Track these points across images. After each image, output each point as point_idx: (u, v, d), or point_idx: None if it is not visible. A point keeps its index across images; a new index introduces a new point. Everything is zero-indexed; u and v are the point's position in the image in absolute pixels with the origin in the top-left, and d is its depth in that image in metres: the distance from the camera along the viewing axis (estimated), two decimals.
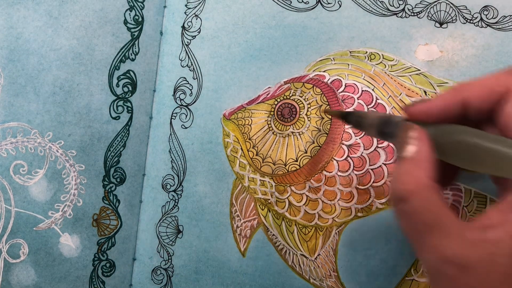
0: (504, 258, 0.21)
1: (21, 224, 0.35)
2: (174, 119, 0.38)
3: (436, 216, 0.22)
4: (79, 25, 0.36)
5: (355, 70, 0.36)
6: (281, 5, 0.37)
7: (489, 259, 0.21)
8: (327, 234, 0.35)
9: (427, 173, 0.23)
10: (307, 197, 0.35)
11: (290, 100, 0.36)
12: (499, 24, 0.34)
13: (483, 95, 0.24)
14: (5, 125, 0.35)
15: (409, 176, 0.23)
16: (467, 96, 0.24)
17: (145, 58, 0.38)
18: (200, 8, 0.38)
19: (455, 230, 0.22)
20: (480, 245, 0.21)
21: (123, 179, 0.37)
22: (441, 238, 0.22)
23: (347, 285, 0.35)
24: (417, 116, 0.26)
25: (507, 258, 0.21)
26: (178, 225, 0.38)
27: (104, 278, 0.37)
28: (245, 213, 0.37)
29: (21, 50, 0.35)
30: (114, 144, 0.37)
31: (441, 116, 0.25)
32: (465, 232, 0.22)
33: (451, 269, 0.22)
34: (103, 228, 0.37)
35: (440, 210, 0.22)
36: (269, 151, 0.36)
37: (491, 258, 0.21)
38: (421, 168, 0.23)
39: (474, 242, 0.22)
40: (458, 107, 0.25)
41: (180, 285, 0.37)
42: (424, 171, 0.23)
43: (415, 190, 0.23)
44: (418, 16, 0.35)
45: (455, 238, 0.22)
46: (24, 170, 0.35)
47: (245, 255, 0.37)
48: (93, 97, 0.36)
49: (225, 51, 0.37)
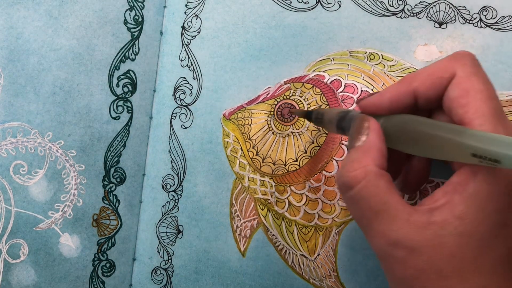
0: (450, 238, 0.21)
1: (21, 224, 0.35)
2: (174, 119, 0.38)
3: (382, 202, 0.23)
4: (79, 25, 0.36)
5: (355, 70, 0.36)
6: (281, 5, 0.37)
7: (435, 240, 0.22)
8: (327, 234, 0.35)
9: (374, 161, 0.24)
10: (307, 197, 0.35)
11: (290, 100, 0.36)
12: (498, 24, 0.34)
13: (429, 83, 0.24)
14: (5, 125, 0.35)
15: (355, 164, 0.24)
16: (416, 86, 0.25)
17: (145, 58, 0.38)
18: (200, 8, 0.38)
19: (402, 215, 0.22)
20: (427, 228, 0.22)
21: (123, 179, 0.38)
22: (388, 223, 0.23)
23: (347, 285, 0.35)
24: (369, 108, 0.26)
25: (452, 237, 0.21)
26: (178, 225, 0.38)
27: (104, 278, 0.37)
28: (245, 213, 0.37)
29: (21, 50, 0.35)
30: (114, 144, 0.37)
31: (393, 107, 0.26)
32: (412, 216, 0.22)
33: (399, 252, 0.22)
34: (103, 228, 0.37)
35: (386, 196, 0.23)
36: (269, 151, 0.36)
37: (438, 239, 0.22)
38: (368, 156, 0.24)
39: (420, 225, 0.22)
40: (408, 98, 0.25)
41: (180, 285, 0.37)
42: (371, 159, 0.24)
43: (360, 177, 0.23)
44: (418, 16, 0.35)
45: (402, 222, 0.22)
46: (24, 170, 0.35)
47: (245, 255, 0.37)
48: (93, 97, 0.36)
49: (225, 51, 0.37)
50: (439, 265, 0.22)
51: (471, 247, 0.21)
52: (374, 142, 0.24)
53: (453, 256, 0.21)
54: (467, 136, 0.21)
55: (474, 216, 0.21)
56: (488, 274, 0.22)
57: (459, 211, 0.21)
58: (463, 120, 0.22)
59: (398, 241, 0.22)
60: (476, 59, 0.24)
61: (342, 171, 0.24)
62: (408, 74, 0.26)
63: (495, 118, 0.22)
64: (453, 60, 0.24)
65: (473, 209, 0.21)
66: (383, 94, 0.26)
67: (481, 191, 0.21)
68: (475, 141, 0.20)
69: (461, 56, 0.24)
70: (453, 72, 0.24)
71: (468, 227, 0.21)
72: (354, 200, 0.24)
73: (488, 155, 0.19)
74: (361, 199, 0.23)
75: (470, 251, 0.21)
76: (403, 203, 0.23)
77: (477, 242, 0.21)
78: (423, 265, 0.22)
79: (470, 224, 0.21)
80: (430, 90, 0.24)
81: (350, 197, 0.24)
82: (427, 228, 0.22)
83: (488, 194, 0.21)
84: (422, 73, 0.25)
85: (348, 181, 0.24)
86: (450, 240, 0.21)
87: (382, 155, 0.24)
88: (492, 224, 0.21)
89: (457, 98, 0.23)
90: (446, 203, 0.22)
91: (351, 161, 0.24)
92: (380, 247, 0.23)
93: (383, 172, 0.24)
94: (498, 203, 0.21)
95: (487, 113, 0.22)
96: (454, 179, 0.22)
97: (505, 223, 0.22)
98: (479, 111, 0.22)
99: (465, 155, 0.21)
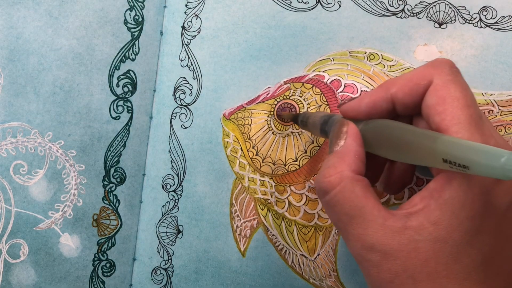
0: (424, 243, 0.22)
1: (21, 224, 0.35)
2: (174, 119, 0.38)
3: (357, 207, 0.23)
4: (79, 25, 0.36)
5: (355, 70, 0.36)
6: (281, 5, 0.37)
7: (410, 245, 0.22)
8: (326, 234, 0.35)
9: (350, 166, 0.24)
10: (307, 197, 0.35)
11: (290, 100, 0.36)
12: (498, 24, 0.34)
13: (407, 90, 0.25)
14: (5, 125, 0.35)
15: (332, 169, 0.24)
16: (393, 92, 0.25)
17: (145, 58, 0.38)
18: (200, 8, 0.38)
19: (377, 219, 0.23)
20: (402, 232, 0.22)
21: (123, 179, 0.38)
22: (363, 228, 0.23)
23: (346, 285, 0.35)
24: (349, 113, 0.27)
25: (427, 243, 0.22)
26: (178, 225, 0.38)
27: (104, 278, 0.37)
28: (245, 213, 0.37)
29: (21, 50, 0.35)
30: (114, 144, 0.37)
31: (371, 112, 0.26)
32: (387, 220, 0.23)
33: (374, 256, 0.23)
34: (103, 228, 0.37)
35: (362, 201, 0.23)
36: (269, 151, 0.36)
37: (412, 244, 0.22)
38: (344, 161, 0.24)
39: (395, 229, 0.22)
40: (386, 103, 0.25)
41: (180, 285, 0.37)
42: (347, 165, 0.24)
43: (336, 183, 0.24)
44: (418, 16, 0.35)
45: (377, 227, 0.23)
46: (24, 170, 0.35)
47: (245, 255, 0.37)
48: (93, 97, 0.36)
49: (225, 51, 0.37)
50: (413, 270, 0.22)
51: (445, 252, 0.22)
52: (351, 146, 0.25)
53: (427, 261, 0.22)
54: (439, 142, 0.21)
55: (448, 222, 0.21)
56: (462, 280, 0.22)
57: (434, 217, 0.22)
58: (440, 127, 0.22)
59: (373, 245, 0.23)
60: (454, 67, 0.24)
61: (319, 176, 0.25)
62: (388, 80, 0.26)
63: (472, 126, 0.22)
64: (430, 68, 0.24)
65: (448, 215, 0.21)
66: (362, 99, 0.26)
67: (455, 197, 0.21)
68: (446, 147, 0.20)
69: (439, 63, 0.24)
70: (430, 79, 0.24)
71: (443, 233, 0.21)
72: (330, 204, 0.24)
73: (458, 160, 0.19)
74: (337, 204, 0.24)
75: (444, 257, 0.22)
76: (379, 208, 0.23)
77: (451, 248, 0.21)
78: (398, 269, 0.22)
79: (444, 230, 0.21)
80: (407, 97, 0.25)
81: (326, 202, 0.24)
82: (402, 233, 0.22)
83: (462, 201, 0.21)
84: (401, 80, 0.25)
85: (324, 186, 0.24)
86: (424, 245, 0.22)
87: (359, 160, 0.24)
88: (466, 230, 0.21)
89: (434, 105, 0.23)
90: (423, 208, 0.22)
91: (328, 167, 0.24)
92: (356, 251, 0.24)
93: (359, 177, 0.24)
94: (472, 210, 0.21)
95: (463, 121, 0.22)
96: (431, 185, 0.23)
97: (478, 229, 0.22)
98: (455, 119, 0.22)
99: (437, 160, 0.21)
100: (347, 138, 0.25)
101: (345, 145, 0.25)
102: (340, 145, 0.25)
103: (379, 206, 0.23)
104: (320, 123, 0.29)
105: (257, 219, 0.37)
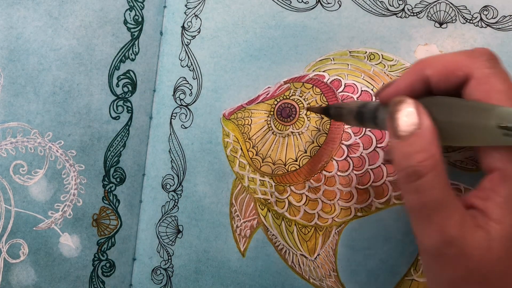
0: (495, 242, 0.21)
1: (21, 224, 0.35)
2: (174, 119, 0.38)
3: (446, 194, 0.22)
4: (79, 25, 0.36)
5: (355, 70, 0.36)
6: (281, 5, 0.37)
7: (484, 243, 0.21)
8: (326, 234, 0.35)
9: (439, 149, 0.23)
10: (307, 197, 0.35)
11: (290, 100, 0.36)
12: (499, 24, 0.34)
13: (442, 77, 0.24)
14: (5, 125, 0.35)
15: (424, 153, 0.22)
16: (429, 74, 0.24)
17: (145, 58, 0.38)
18: (200, 8, 0.38)
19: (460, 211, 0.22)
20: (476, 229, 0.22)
21: (123, 179, 0.38)
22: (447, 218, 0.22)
23: (346, 285, 0.35)
24: (389, 99, 0.25)
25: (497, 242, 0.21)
26: (178, 225, 0.38)
27: (104, 278, 0.37)
28: (245, 213, 0.37)
29: (21, 50, 0.35)
30: (114, 144, 0.37)
31: (410, 96, 0.25)
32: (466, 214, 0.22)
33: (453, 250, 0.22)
34: (103, 228, 0.37)
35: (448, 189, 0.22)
36: (269, 151, 0.36)
37: (486, 243, 0.21)
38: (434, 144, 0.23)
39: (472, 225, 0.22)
40: (422, 84, 0.25)
41: (180, 285, 0.37)
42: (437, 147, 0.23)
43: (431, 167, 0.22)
44: (418, 16, 0.35)
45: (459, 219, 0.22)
46: (24, 170, 0.35)
47: (245, 255, 0.37)
48: (93, 97, 0.36)
49: (225, 51, 0.37)
50: (487, 269, 0.21)
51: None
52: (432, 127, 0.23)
53: (499, 261, 0.21)
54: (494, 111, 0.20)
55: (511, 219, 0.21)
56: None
57: (496, 215, 0.21)
58: None
59: (453, 238, 0.22)
60: (493, 57, 0.23)
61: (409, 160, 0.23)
62: (421, 60, 0.25)
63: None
64: (469, 58, 0.23)
65: (510, 212, 0.21)
66: (398, 84, 0.25)
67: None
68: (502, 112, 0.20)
69: (479, 55, 0.23)
70: (469, 72, 0.23)
71: (510, 230, 0.21)
72: (420, 189, 0.22)
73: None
74: (429, 188, 0.22)
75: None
76: (458, 198, 0.23)
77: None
78: (473, 267, 0.22)
79: (510, 227, 0.21)
80: (441, 82, 0.24)
81: (416, 187, 0.23)
82: (476, 230, 0.22)
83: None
84: (436, 62, 0.24)
85: (418, 169, 0.22)
86: (495, 244, 0.21)
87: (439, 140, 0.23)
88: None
89: (479, 99, 0.22)
90: (483, 208, 0.22)
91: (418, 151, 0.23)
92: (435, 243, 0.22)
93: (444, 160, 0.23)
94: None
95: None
96: (486, 184, 0.22)
97: None
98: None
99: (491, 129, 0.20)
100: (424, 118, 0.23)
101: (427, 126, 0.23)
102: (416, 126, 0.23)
103: (458, 198, 0.23)
104: (356, 112, 0.28)
105: (257, 219, 0.36)
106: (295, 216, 0.36)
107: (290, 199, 0.36)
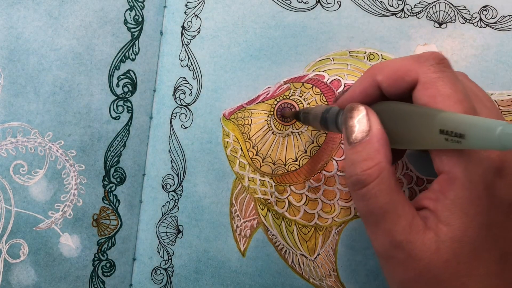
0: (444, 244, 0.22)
1: (21, 224, 0.35)
2: (174, 119, 0.38)
3: (392, 200, 0.23)
4: (79, 25, 0.36)
5: (354, 70, 0.36)
6: (281, 5, 0.37)
7: (433, 246, 0.22)
8: (326, 233, 0.35)
9: (386, 157, 0.23)
10: (307, 197, 0.35)
11: (290, 100, 0.36)
12: (499, 24, 0.34)
13: (391, 82, 0.24)
14: (5, 125, 0.35)
15: (369, 161, 0.23)
16: (379, 80, 0.25)
17: (145, 58, 0.38)
18: (200, 8, 0.38)
19: (408, 216, 0.22)
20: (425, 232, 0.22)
21: (123, 179, 0.38)
22: (395, 223, 0.23)
23: (346, 285, 0.35)
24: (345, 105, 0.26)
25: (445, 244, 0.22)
26: (178, 225, 0.38)
27: (104, 278, 0.37)
28: (245, 213, 0.37)
29: (21, 50, 0.35)
30: (114, 144, 0.37)
31: (366, 100, 0.25)
32: (415, 218, 0.22)
33: (401, 254, 0.22)
34: (103, 228, 0.37)
35: (395, 195, 0.23)
36: (269, 151, 0.36)
37: (434, 245, 0.22)
38: (380, 152, 0.23)
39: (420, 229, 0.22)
40: (376, 89, 0.25)
41: (180, 285, 0.37)
42: (384, 155, 0.23)
43: (375, 175, 0.23)
44: (417, 16, 0.35)
45: (407, 224, 0.22)
46: (24, 170, 0.35)
47: (245, 255, 0.37)
48: (93, 97, 0.36)
49: (225, 51, 0.37)
50: (437, 270, 0.22)
51: (463, 252, 0.22)
52: (381, 134, 0.23)
53: (448, 262, 0.22)
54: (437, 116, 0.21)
55: (460, 221, 0.21)
56: (483, 276, 0.22)
57: (445, 218, 0.22)
58: None
59: (401, 242, 0.22)
60: (441, 61, 0.23)
61: (354, 168, 0.23)
62: (374, 66, 0.25)
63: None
64: (416, 63, 0.23)
65: (458, 215, 0.21)
66: (354, 89, 0.26)
67: (461, 196, 0.21)
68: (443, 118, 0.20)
69: (425, 59, 0.23)
70: (415, 77, 0.23)
71: (457, 233, 0.21)
72: (366, 197, 0.23)
73: (454, 129, 0.19)
74: (373, 196, 0.23)
75: (463, 256, 0.22)
76: (408, 203, 0.23)
77: (469, 246, 0.22)
78: (422, 269, 0.22)
79: (458, 230, 0.21)
80: (391, 88, 0.24)
81: (362, 195, 0.23)
82: (425, 233, 0.22)
83: (469, 198, 0.21)
84: (386, 68, 0.24)
85: (363, 179, 0.23)
86: (444, 246, 0.22)
87: (389, 149, 0.23)
88: (479, 226, 0.22)
89: (426, 104, 0.23)
90: (434, 210, 0.22)
91: (364, 159, 0.23)
92: (383, 247, 0.23)
93: (393, 169, 0.23)
94: (480, 206, 0.21)
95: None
96: (435, 186, 0.23)
97: (490, 224, 0.22)
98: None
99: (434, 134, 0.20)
100: (374, 125, 0.23)
101: (375, 133, 0.23)
102: (366, 133, 0.23)
103: (408, 202, 0.23)
104: (321, 112, 0.29)
105: (257, 219, 0.37)
106: (295, 216, 0.36)
107: (290, 199, 0.36)
